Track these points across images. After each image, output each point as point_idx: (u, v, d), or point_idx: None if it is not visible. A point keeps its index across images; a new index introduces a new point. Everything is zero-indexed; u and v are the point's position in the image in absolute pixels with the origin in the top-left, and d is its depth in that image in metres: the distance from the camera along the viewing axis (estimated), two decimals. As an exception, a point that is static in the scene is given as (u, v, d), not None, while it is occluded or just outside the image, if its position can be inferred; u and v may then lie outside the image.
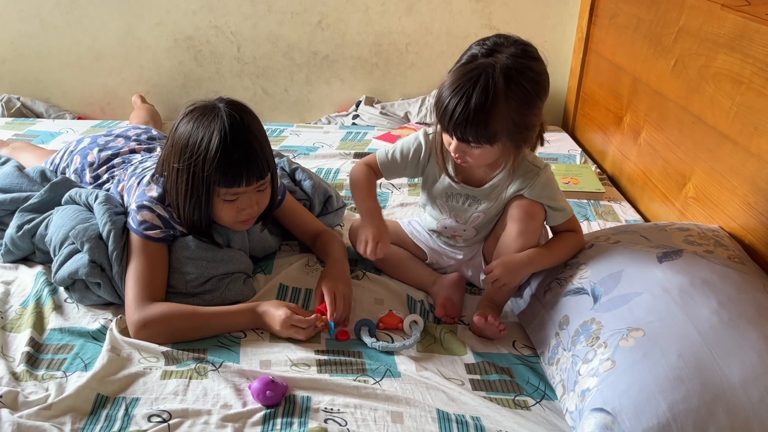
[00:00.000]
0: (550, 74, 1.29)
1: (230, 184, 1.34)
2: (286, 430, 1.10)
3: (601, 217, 1.93)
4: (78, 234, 1.41)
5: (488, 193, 1.42)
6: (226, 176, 1.33)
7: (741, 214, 1.51)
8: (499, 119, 1.22)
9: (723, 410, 1.00)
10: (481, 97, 1.19)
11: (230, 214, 1.40)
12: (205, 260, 1.43)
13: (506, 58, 1.21)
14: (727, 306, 1.15)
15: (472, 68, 1.22)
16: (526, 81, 1.21)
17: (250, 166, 1.34)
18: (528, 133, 1.28)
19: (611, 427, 1.02)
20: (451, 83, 1.23)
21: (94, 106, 2.86)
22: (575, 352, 1.19)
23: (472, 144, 1.26)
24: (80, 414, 1.12)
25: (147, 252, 1.38)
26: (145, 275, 1.36)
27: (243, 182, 1.34)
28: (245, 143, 1.32)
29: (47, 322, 1.36)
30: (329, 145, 2.45)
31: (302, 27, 2.75)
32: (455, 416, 1.14)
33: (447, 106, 1.22)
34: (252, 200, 1.40)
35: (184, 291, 1.41)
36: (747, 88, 1.49)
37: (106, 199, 1.48)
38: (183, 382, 1.19)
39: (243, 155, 1.32)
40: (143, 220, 1.38)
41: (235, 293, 1.44)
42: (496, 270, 1.36)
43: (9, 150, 2.06)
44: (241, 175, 1.33)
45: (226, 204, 1.38)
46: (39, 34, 2.73)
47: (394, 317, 1.40)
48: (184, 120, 1.36)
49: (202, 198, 1.36)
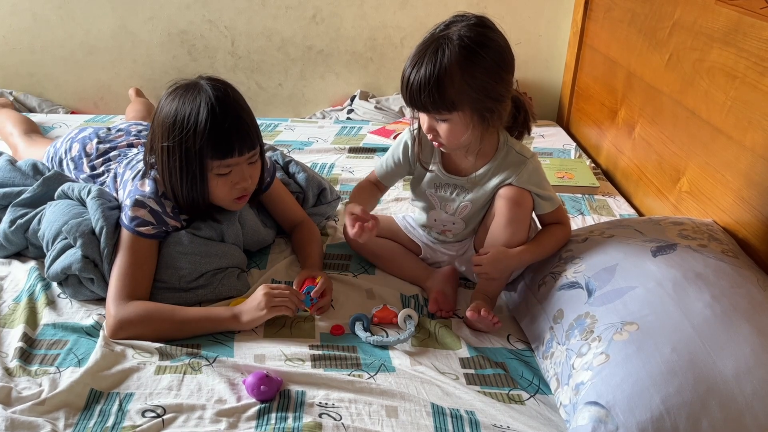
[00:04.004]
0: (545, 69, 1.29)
1: (223, 156, 1.33)
2: (281, 425, 1.10)
3: (596, 211, 1.93)
4: (71, 229, 1.41)
5: (475, 183, 1.43)
6: (218, 147, 1.32)
7: (735, 209, 1.51)
8: (453, 85, 1.23)
9: (716, 403, 1.00)
10: (433, 62, 1.23)
11: (224, 189, 1.39)
12: (199, 255, 1.42)
13: (460, 29, 1.25)
14: (721, 300, 1.15)
15: (428, 39, 1.27)
16: (481, 47, 1.24)
17: (241, 136, 1.34)
18: (493, 103, 1.28)
19: (605, 421, 1.02)
20: (409, 57, 1.27)
21: (87, 101, 2.85)
22: (569, 346, 1.19)
23: (432, 112, 1.28)
24: (74, 409, 1.11)
25: (134, 248, 1.37)
26: (128, 272, 1.35)
27: (235, 152, 1.34)
28: (234, 114, 1.33)
29: (40, 317, 1.36)
30: (324, 140, 2.44)
31: (297, 21, 2.74)
32: (450, 410, 1.15)
33: (403, 78, 1.27)
34: (245, 173, 1.39)
35: (177, 286, 1.40)
36: (741, 82, 1.49)
37: (99, 194, 1.47)
38: (177, 377, 1.19)
39: (233, 125, 1.32)
40: (135, 216, 1.38)
41: (229, 288, 1.43)
42: (483, 264, 1.37)
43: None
44: (233, 146, 1.33)
45: (219, 179, 1.38)
46: (31, 28, 2.72)
47: (389, 312, 1.40)
48: (168, 99, 1.35)
49: (197, 174, 1.35)
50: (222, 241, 1.49)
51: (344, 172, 2.15)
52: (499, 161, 1.40)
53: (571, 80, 2.65)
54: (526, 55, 2.72)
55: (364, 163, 2.22)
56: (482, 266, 1.38)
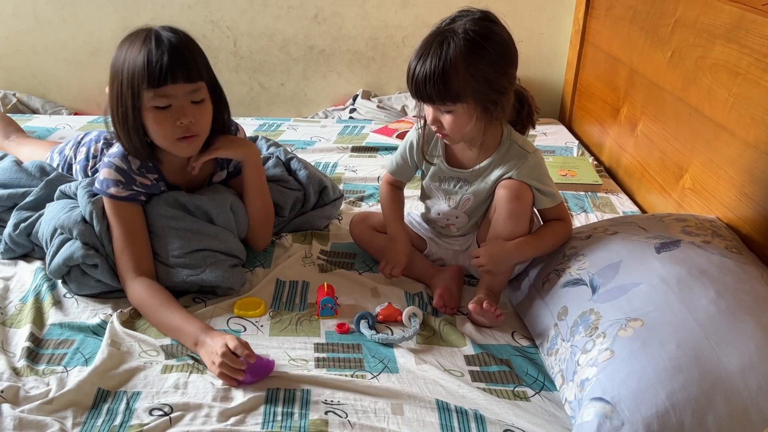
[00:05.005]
0: (547, 66, 1.30)
1: (155, 82, 1.27)
2: (288, 423, 1.10)
3: (599, 209, 1.94)
4: (63, 223, 1.42)
5: (477, 176, 1.44)
6: (150, 74, 1.26)
7: (738, 205, 1.51)
8: (458, 76, 1.25)
9: (721, 399, 1.01)
10: (438, 54, 1.25)
11: (165, 127, 1.32)
12: (189, 231, 1.43)
13: (465, 23, 1.27)
14: (725, 296, 1.15)
15: (434, 33, 1.29)
16: (485, 40, 1.26)
17: (175, 62, 1.27)
18: (496, 95, 1.30)
19: (610, 416, 1.02)
20: (415, 50, 1.30)
21: (90, 102, 2.86)
22: (574, 343, 1.20)
23: (437, 104, 1.30)
24: (82, 408, 1.12)
25: (120, 218, 1.39)
26: (124, 246, 1.38)
27: (168, 78, 1.27)
28: (171, 44, 1.28)
29: (47, 317, 1.36)
30: (327, 139, 2.44)
31: (298, 21, 2.74)
32: (455, 407, 1.15)
33: (409, 70, 1.30)
34: (187, 111, 1.31)
35: (165, 262, 1.41)
36: (744, 78, 1.49)
37: (88, 183, 1.48)
38: (184, 375, 1.20)
39: (168, 53, 1.26)
40: (104, 178, 1.39)
41: (216, 276, 1.41)
42: (482, 257, 1.38)
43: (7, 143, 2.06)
44: (165, 72, 1.26)
45: (158, 113, 1.30)
46: (34, 29, 2.72)
47: (394, 310, 1.40)
48: (118, 48, 1.32)
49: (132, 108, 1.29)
50: (211, 222, 1.49)
51: (347, 171, 2.16)
52: (502, 154, 1.41)
53: (573, 78, 2.65)
54: (528, 53, 2.71)
55: (367, 162, 2.23)
56: (480, 259, 1.39)
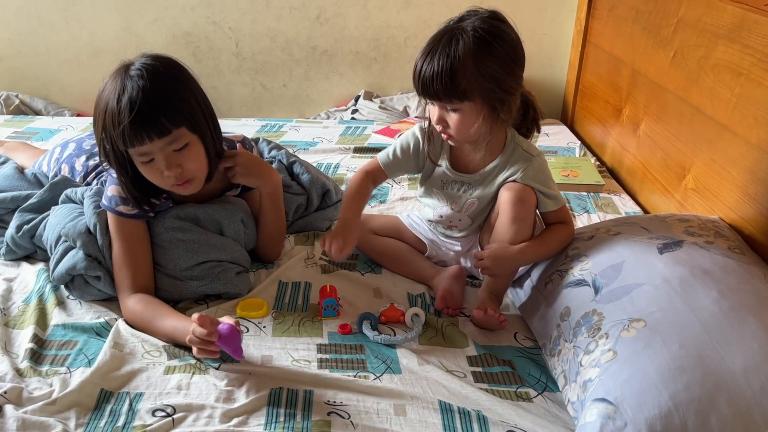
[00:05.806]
0: (549, 67, 1.31)
1: (129, 143, 1.23)
2: (290, 423, 1.10)
3: (601, 209, 1.93)
4: (68, 232, 1.42)
5: (482, 180, 1.44)
6: (122, 135, 1.22)
7: (741, 205, 1.51)
8: (465, 74, 1.25)
9: (724, 399, 1.01)
10: (447, 51, 1.25)
11: (155, 177, 1.30)
12: (197, 243, 1.42)
13: (474, 21, 1.27)
14: (728, 296, 1.15)
15: (442, 30, 1.29)
16: (494, 38, 1.26)
17: (142, 123, 1.21)
18: (503, 95, 1.29)
19: (613, 417, 1.02)
20: (423, 47, 1.29)
21: (92, 103, 2.83)
22: (577, 344, 1.20)
23: (443, 101, 1.29)
24: (84, 409, 1.12)
25: (123, 234, 1.37)
26: (123, 262, 1.37)
27: (143, 139, 1.22)
28: (138, 97, 1.20)
29: (50, 318, 1.36)
30: (329, 140, 2.45)
31: (300, 22, 2.75)
32: (458, 408, 1.15)
33: (416, 68, 1.29)
34: (170, 161, 1.27)
35: (174, 274, 1.41)
36: (746, 78, 1.49)
37: (95, 192, 1.48)
38: (186, 376, 1.20)
39: (137, 112, 1.19)
40: (113, 195, 1.37)
41: (225, 284, 1.42)
42: (486, 260, 1.38)
43: (3, 150, 2.04)
44: (138, 133, 1.21)
45: (144, 166, 1.28)
46: (36, 30, 2.73)
47: (396, 310, 1.40)
48: (101, 87, 1.28)
49: (124, 163, 1.28)
50: (221, 234, 1.48)
51: (349, 172, 2.16)
52: (507, 157, 1.41)
53: (575, 78, 2.65)
54: (529, 53, 2.65)
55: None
56: (484, 261, 1.38)
